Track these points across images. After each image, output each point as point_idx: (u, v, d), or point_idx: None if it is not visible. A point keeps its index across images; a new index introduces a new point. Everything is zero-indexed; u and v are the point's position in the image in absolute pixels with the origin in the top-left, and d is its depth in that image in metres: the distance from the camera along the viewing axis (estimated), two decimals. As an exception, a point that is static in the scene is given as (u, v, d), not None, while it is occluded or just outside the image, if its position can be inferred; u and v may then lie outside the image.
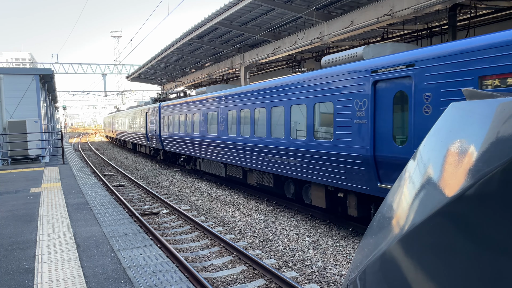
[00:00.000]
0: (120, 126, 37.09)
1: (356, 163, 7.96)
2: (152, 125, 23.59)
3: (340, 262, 7.18)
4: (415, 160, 1.12)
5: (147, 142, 25.36)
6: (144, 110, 26.04)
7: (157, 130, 22.31)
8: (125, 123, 33.55)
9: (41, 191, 10.81)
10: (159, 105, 22.37)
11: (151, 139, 24.06)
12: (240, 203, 12.23)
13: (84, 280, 4.70)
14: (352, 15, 14.03)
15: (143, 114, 25.93)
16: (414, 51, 6.96)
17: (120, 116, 37.06)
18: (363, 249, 1.24)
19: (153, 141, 23.70)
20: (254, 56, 21.76)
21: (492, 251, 0.74)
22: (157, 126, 22.37)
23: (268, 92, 11.11)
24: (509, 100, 0.86)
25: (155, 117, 22.87)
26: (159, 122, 22.16)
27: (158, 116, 22.32)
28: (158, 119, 22.37)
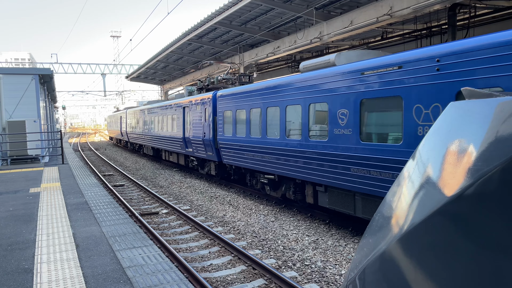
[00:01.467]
0: (134, 126, 29.67)
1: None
2: (196, 124, 16.63)
3: (340, 262, 7.18)
4: (414, 160, 1.12)
5: (184, 149, 18.29)
6: (179, 104, 18.90)
7: (209, 133, 15.21)
8: (144, 122, 26.34)
9: (41, 191, 10.80)
10: (213, 95, 15.11)
11: (194, 145, 16.91)
12: (240, 203, 12.23)
13: (84, 280, 4.69)
14: (352, 14, 14.03)
15: (179, 110, 18.83)
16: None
17: (135, 114, 29.60)
18: (362, 248, 1.24)
19: (198, 149, 16.60)
20: (254, 55, 21.76)
21: (491, 251, 0.74)
22: (208, 126, 15.28)
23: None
24: (508, 100, 0.86)
25: (204, 113, 15.82)
26: (213, 120, 14.97)
27: (212, 111, 15.04)
28: (209, 116, 15.23)
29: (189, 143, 17.57)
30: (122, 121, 35.47)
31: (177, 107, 19.16)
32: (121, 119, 36.08)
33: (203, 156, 16.03)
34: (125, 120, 33.70)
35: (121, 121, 36.07)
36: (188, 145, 17.70)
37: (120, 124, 36.59)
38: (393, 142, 7.10)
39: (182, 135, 18.27)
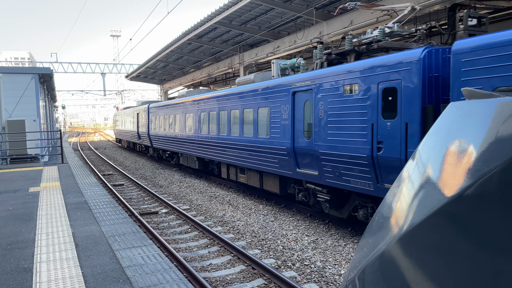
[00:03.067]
0: (165, 126, 20.94)
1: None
2: (346, 123, 8.08)
3: (339, 262, 7.18)
4: (414, 160, 1.12)
5: (295, 167, 9.81)
6: (284, 85, 10.32)
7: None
8: (185, 121, 17.90)
9: (40, 190, 10.80)
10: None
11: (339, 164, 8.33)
12: (239, 202, 12.23)
13: (83, 280, 4.69)
14: (352, 15, 14.03)
15: (281, 98, 10.35)
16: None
17: (167, 110, 20.66)
18: (362, 249, 1.24)
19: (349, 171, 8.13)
20: (254, 55, 21.76)
21: (491, 251, 0.74)
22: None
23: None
24: (508, 100, 0.86)
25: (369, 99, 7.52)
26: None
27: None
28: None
29: (316, 157, 8.85)
30: (141, 120, 26.52)
31: (277, 93, 10.47)
32: (139, 117, 27.39)
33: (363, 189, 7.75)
34: (146, 118, 24.93)
35: (139, 120, 27.33)
36: (314, 161, 9.02)
37: (137, 123, 27.72)
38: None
39: (291, 141, 9.77)
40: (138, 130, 27.60)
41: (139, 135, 27.59)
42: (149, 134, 24.37)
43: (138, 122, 27.68)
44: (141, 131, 26.70)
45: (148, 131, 24.51)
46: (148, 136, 24.51)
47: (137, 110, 27.93)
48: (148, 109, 24.54)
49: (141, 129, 26.49)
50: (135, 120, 28.75)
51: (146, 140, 25.65)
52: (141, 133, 26.62)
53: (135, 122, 28.77)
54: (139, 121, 27.19)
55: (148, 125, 24.49)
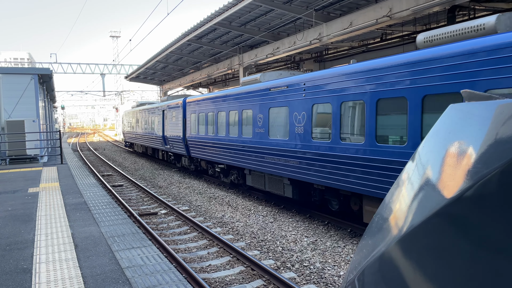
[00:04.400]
0: (234, 127, 13.43)
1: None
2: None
3: (339, 263, 7.18)
4: (413, 161, 1.12)
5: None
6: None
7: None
8: (311, 119, 9.52)
9: (39, 191, 10.79)
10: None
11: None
12: (239, 203, 12.23)
13: (82, 281, 4.69)
14: (351, 16, 14.04)
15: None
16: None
17: (234, 103, 13.50)
18: (361, 250, 1.24)
19: None
20: (253, 56, 21.76)
21: (490, 252, 0.74)
22: None
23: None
24: (507, 102, 0.87)
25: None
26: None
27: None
28: None
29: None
30: (170, 119, 20.17)
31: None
32: (165, 116, 20.91)
33: None
34: (179, 116, 18.65)
35: (165, 119, 20.91)
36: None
37: (163, 123, 21.39)
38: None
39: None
40: (164, 132, 21.07)
41: (165, 140, 20.88)
42: (184, 139, 17.88)
43: (164, 122, 21.13)
44: (169, 135, 20.02)
45: (183, 135, 18.02)
46: (183, 141, 17.99)
47: (163, 107, 21.49)
48: (184, 104, 18.22)
49: (170, 131, 19.80)
50: (159, 120, 22.17)
51: (178, 146, 18.95)
52: (170, 137, 19.88)
53: (158, 122, 22.16)
54: (167, 121, 20.58)
55: (184, 126, 18.04)
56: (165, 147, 21.34)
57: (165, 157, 22.73)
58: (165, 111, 21.27)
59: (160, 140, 22.20)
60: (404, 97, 6.84)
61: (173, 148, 19.92)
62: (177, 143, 19.19)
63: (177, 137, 19.00)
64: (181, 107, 18.56)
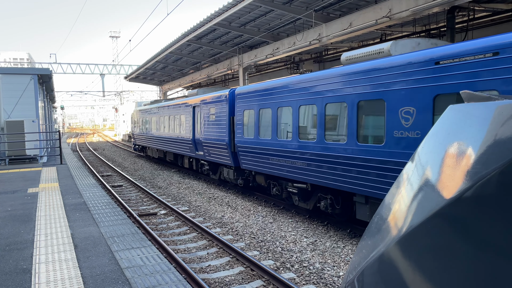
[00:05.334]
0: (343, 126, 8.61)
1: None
2: None
3: (338, 264, 7.18)
4: (413, 162, 1.12)
5: None
6: None
7: None
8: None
9: (39, 191, 10.78)
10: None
11: None
12: (238, 204, 12.22)
13: (82, 281, 4.69)
14: (351, 16, 14.05)
15: None
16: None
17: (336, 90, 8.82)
18: (361, 250, 1.24)
19: None
20: (253, 57, 21.77)
21: (489, 253, 0.75)
22: None
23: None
24: (507, 103, 0.87)
25: None
26: None
27: None
28: None
29: None
30: (206, 117, 15.50)
31: None
32: (197, 113, 16.48)
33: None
34: (224, 114, 14.08)
35: (198, 117, 16.41)
36: None
37: (193, 123, 16.94)
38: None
39: None
40: (194, 135, 16.55)
41: (196, 144, 16.44)
42: (231, 144, 13.44)
43: (195, 122, 16.61)
44: (204, 138, 15.36)
45: (228, 138, 13.47)
46: (228, 146, 13.44)
47: (193, 102, 16.72)
48: (232, 97, 13.69)
49: (206, 133, 15.23)
50: (187, 119, 17.48)
51: (219, 153, 14.29)
52: (206, 140, 15.20)
53: (186, 122, 17.50)
54: (200, 120, 15.86)
55: (231, 127, 13.51)
56: (196, 154, 16.51)
57: (195, 165, 17.63)
58: (196, 107, 16.41)
59: (188, 145, 17.33)
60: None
61: (210, 155, 15.04)
62: (217, 149, 14.37)
63: (217, 141, 14.17)
64: (226, 101, 13.79)
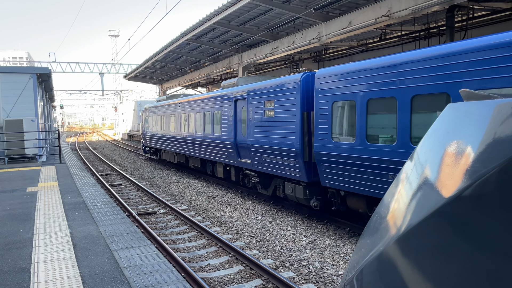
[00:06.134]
0: None
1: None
2: None
3: (337, 263, 7.19)
4: (412, 161, 1.12)
5: None
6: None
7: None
8: None
9: (38, 190, 10.77)
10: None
11: None
12: (238, 203, 12.22)
13: (81, 280, 4.68)
14: (350, 15, 14.04)
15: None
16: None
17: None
18: (360, 249, 1.24)
19: None
20: (252, 56, 21.76)
21: (488, 252, 0.75)
22: None
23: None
24: (506, 102, 0.87)
25: None
26: None
27: None
28: None
29: None
30: (259, 114, 11.51)
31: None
32: (240, 109, 12.82)
33: None
34: (295, 111, 9.79)
35: (241, 114, 12.80)
36: None
37: (235, 121, 13.15)
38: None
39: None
40: (236, 137, 12.91)
41: (239, 148, 12.74)
42: (305, 150, 9.61)
43: (236, 120, 12.99)
44: (253, 140, 11.70)
45: (299, 142, 9.62)
46: (300, 153, 9.65)
47: (239, 94, 12.72)
48: (309, 83, 9.66)
49: (259, 134, 11.44)
50: (224, 116, 13.73)
51: (285, 163, 10.35)
52: (258, 144, 11.45)
53: (224, 120, 13.73)
54: (248, 118, 12.12)
55: (307, 127, 9.61)
56: (239, 161, 12.79)
57: (234, 175, 13.78)
58: (240, 101, 12.61)
59: (225, 149, 13.60)
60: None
61: (263, 164, 11.37)
62: (277, 157, 10.53)
63: (279, 146, 10.31)
64: (297, 90, 9.64)
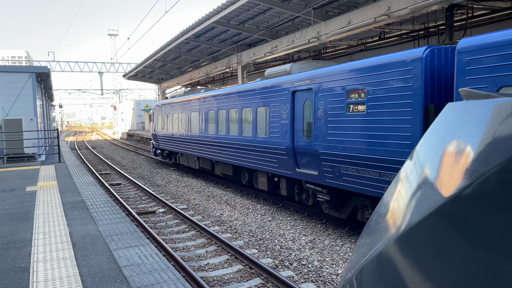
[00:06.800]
0: None
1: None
2: None
3: (337, 262, 7.19)
4: (412, 160, 1.12)
5: None
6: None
7: None
8: None
9: (37, 189, 10.76)
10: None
11: None
12: (237, 202, 12.23)
13: (80, 279, 4.68)
14: (350, 15, 14.04)
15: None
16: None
17: None
18: (359, 248, 1.24)
19: None
20: (252, 55, 21.75)
21: (488, 251, 0.74)
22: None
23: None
24: (506, 101, 0.87)
25: None
26: None
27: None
28: None
29: None
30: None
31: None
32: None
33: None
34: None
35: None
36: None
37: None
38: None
39: None
40: (294, 140, 9.83)
41: (296, 156, 9.77)
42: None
43: (294, 118, 9.84)
44: (325, 145, 8.63)
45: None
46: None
47: (299, 83, 9.60)
48: (440, 62, 6.73)
49: (334, 137, 8.36)
50: (275, 113, 10.60)
51: (383, 178, 7.23)
52: (334, 151, 8.30)
53: (275, 118, 10.61)
54: (314, 114, 8.94)
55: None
56: (298, 171, 9.75)
57: (286, 189, 10.69)
58: (300, 92, 9.59)
59: (276, 155, 10.57)
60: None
61: (341, 178, 8.34)
62: (370, 170, 7.56)
63: (376, 154, 7.40)
64: (418, 73, 6.73)
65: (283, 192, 10.87)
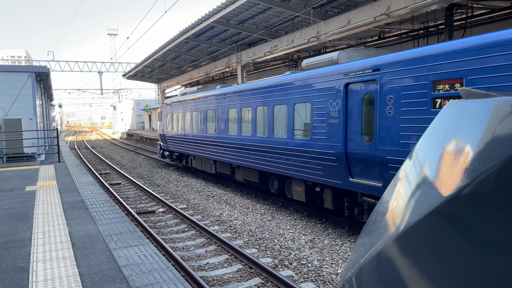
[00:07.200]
0: None
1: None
2: None
3: (336, 261, 7.19)
4: (411, 159, 1.12)
5: None
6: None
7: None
8: None
9: (37, 189, 10.76)
10: None
11: None
12: (237, 202, 12.23)
13: (80, 279, 4.68)
14: (349, 14, 14.04)
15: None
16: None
17: None
18: (359, 248, 1.24)
19: None
20: (251, 54, 21.74)
21: (487, 250, 0.74)
22: None
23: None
24: (505, 100, 0.86)
25: None
26: None
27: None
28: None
29: None
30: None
31: None
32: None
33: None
34: None
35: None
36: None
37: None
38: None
39: None
40: (347, 143, 8.00)
41: (350, 162, 7.93)
42: None
43: (347, 116, 7.96)
44: (396, 146, 6.83)
45: None
46: None
47: (353, 72, 7.78)
48: None
49: (407, 138, 6.65)
50: (319, 111, 8.76)
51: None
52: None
53: (319, 117, 8.74)
54: (380, 111, 7.10)
55: None
56: (352, 181, 7.99)
57: (334, 202, 8.98)
58: (357, 84, 7.81)
59: (322, 160, 8.79)
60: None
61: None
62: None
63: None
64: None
65: (327, 205, 9.07)
